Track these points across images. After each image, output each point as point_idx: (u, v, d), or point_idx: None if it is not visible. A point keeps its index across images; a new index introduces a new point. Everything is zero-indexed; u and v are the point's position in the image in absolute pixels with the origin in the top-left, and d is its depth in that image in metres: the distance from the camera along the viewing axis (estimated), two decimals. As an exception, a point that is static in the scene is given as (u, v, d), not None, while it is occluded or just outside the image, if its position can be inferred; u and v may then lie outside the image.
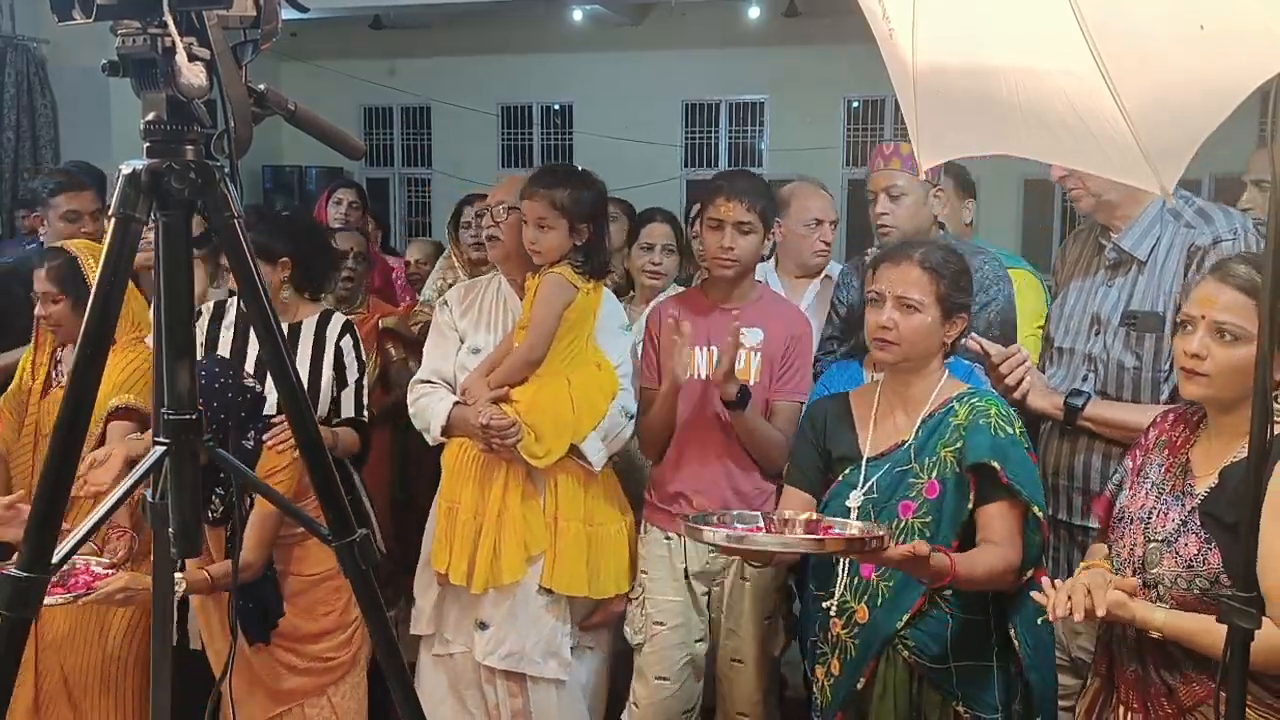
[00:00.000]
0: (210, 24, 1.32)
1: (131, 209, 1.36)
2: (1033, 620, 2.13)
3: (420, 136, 11.35)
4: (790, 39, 9.47)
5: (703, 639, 2.82)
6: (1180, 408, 2.03)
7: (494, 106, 10.84)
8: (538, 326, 2.71)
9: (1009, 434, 2.12)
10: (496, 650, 2.78)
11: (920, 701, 2.16)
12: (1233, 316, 1.81)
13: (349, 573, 1.53)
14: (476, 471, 2.78)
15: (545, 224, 2.68)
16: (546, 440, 2.70)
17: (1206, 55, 1.40)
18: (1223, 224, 2.32)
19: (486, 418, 2.65)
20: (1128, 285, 2.39)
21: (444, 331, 2.95)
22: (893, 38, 1.69)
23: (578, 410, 2.74)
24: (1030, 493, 2.09)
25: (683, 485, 2.74)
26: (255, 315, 1.46)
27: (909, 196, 2.81)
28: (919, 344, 2.18)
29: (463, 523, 2.77)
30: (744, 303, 2.75)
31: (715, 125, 10.40)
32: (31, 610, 1.35)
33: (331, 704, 2.88)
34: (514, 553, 2.74)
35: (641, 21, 10.14)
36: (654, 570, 2.79)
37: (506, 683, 2.82)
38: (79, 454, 1.41)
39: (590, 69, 10.29)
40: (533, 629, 2.78)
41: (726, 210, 2.67)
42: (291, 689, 2.84)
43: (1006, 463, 2.08)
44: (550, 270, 2.72)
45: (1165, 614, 1.81)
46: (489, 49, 10.37)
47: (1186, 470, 1.91)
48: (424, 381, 2.91)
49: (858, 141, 10.04)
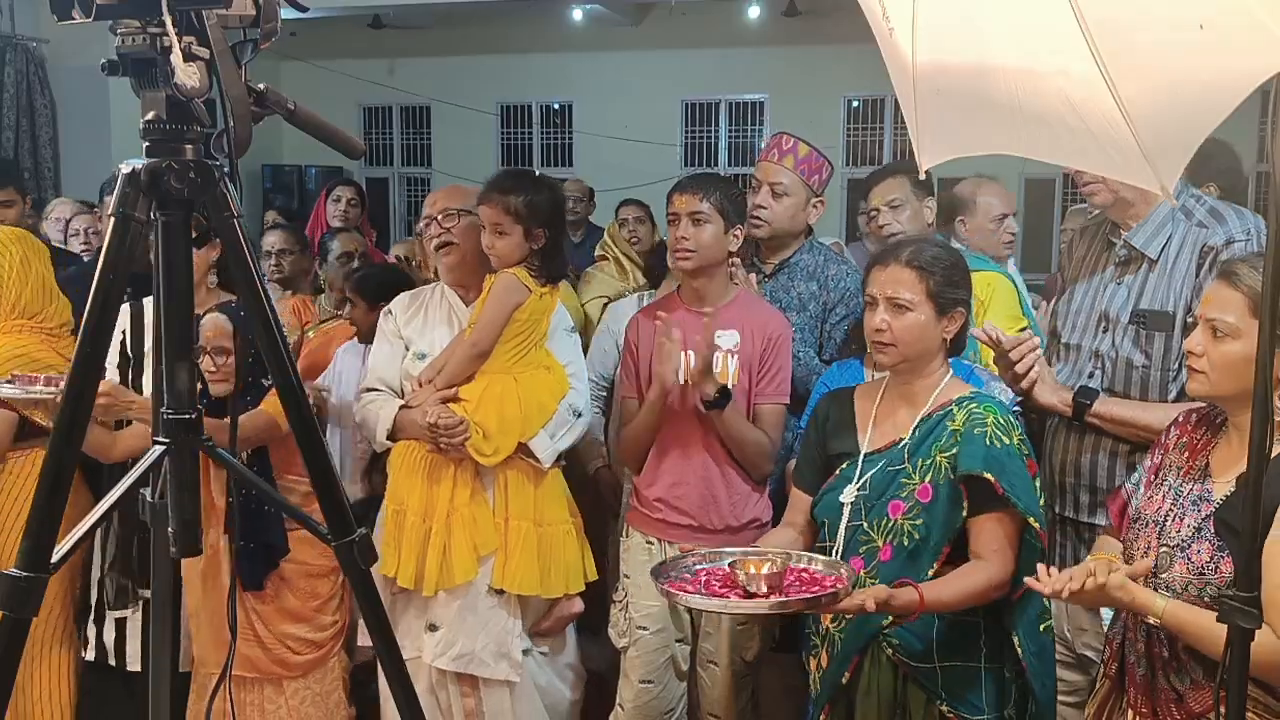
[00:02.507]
0: (210, 23, 1.32)
1: (131, 208, 1.37)
2: (1034, 626, 2.13)
3: (420, 136, 11.34)
4: (790, 39, 9.47)
5: (683, 639, 2.82)
6: (1204, 408, 2.01)
7: (494, 106, 10.83)
8: (484, 321, 2.71)
9: (1005, 444, 2.08)
10: (447, 652, 2.76)
11: (905, 700, 2.15)
12: (1222, 313, 1.84)
13: (348, 572, 1.53)
14: (424, 472, 2.76)
15: (500, 229, 2.70)
16: (494, 438, 2.70)
17: (1206, 55, 1.40)
18: (1235, 224, 2.31)
19: (434, 416, 2.65)
20: (1137, 283, 2.38)
21: (389, 339, 2.94)
22: (893, 37, 1.68)
23: (525, 409, 2.74)
24: (1026, 505, 2.06)
25: (663, 490, 2.74)
26: (255, 315, 1.46)
27: (790, 198, 2.94)
28: (914, 343, 2.17)
29: (411, 525, 2.75)
30: (719, 304, 2.74)
31: (715, 125, 10.39)
32: (31, 610, 1.35)
33: (313, 692, 2.89)
34: (464, 553, 2.72)
35: (641, 21, 10.14)
36: (636, 575, 2.79)
37: (459, 684, 2.81)
38: (78, 453, 1.41)
39: (590, 69, 10.29)
40: (482, 630, 2.77)
41: (680, 202, 2.70)
42: (248, 656, 2.83)
43: (1002, 474, 2.05)
44: (505, 271, 2.73)
45: (1166, 602, 1.79)
46: (489, 49, 10.37)
47: (1205, 474, 1.90)
48: (370, 389, 2.90)
49: (858, 141, 10.04)
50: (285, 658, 2.87)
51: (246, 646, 2.81)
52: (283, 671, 2.88)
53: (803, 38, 9.34)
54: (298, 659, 2.88)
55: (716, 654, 2.77)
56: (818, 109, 9.79)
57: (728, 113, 10.40)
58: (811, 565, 2.08)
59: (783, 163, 2.95)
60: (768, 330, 2.74)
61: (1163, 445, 2.03)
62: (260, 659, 2.85)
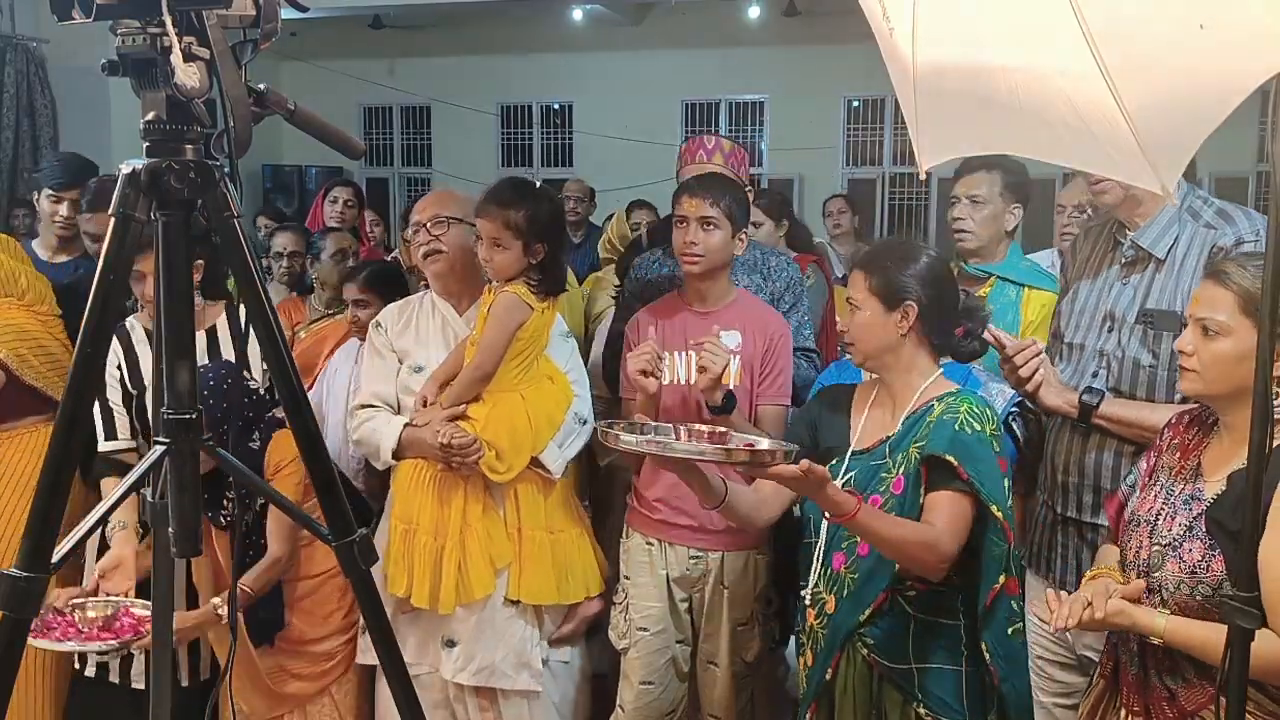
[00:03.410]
0: (210, 23, 1.32)
1: (131, 208, 1.36)
2: (1004, 632, 2.11)
3: (420, 136, 11.35)
4: (790, 39, 9.47)
5: (684, 640, 2.81)
6: (1196, 409, 2.02)
7: (494, 106, 10.83)
8: (487, 345, 2.66)
9: (975, 431, 2.08)
10: (467, 667, 2.73)
11: (881, 700, 2.15)
12: (1213, 312, 1.86)
13: (349, 573, 1.53)
14: (433, 490, 2.71)
15: (499, 243, 2.63)
16: (507, 457, 2.67)
17: (1206, 55, 1.40)
18: (1244, 225, 2.30)
19: (447, 436, 2.60)
20: (1144, 283, 2.38)
21: (382, 353, 2.87)
22: (893, 37, 1.69)
23: (534, 424, 2.71)
24: (990, 492, 2.04)
25: (664, 491, 2.73)
26: (255, 316, 1.46)
27: None
28: (867, 340, 2.21)
29: (422, 544, 2.70)
30: (720, 305, 2.74)
31: (715, 125, 10.38)
32: (31, 610, 1.35)
33: (334, 700, 2.89)
34: (481, 567, 2.69)
35: (641, 21, 10.14)
36: (636, 575, 2.79)
37: (477, 699, 2.78)
38: (78, 452, 1.41)
39: (590, 69, 10.29)
40: (501, 642, 2.74)
41: (690, 206, 2.67)
42: (293, 693, 2.86)
43: (967, 460, 2.04)
44: (505, 289, 2.67)
45: (1167, 621, 1.80)
46: (489, 49, 10.37)
47: (1197, 474, 1.91)
48: (366, 406, 2.82)
49: (858, 141, 10.05)
50: (333, 666, 2.89)
51: (296, 685, 2.86)
52: (330, 680, 2.90)
53: (803, 38, 9.34)
54: (342, 657, 2.90)
55: (717, 655, 2.77)
56: (818, 109, 9.81)
57: (728, 113, 10.40)
58: (757, 443, 2.16)
59: (712, 160, 2.97)
60: (769, 331, 2.74)
61: (1157, 447, 2.04)
62: (309, 689, 2.88)
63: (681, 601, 2.78)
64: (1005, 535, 2.06)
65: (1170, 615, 1.82)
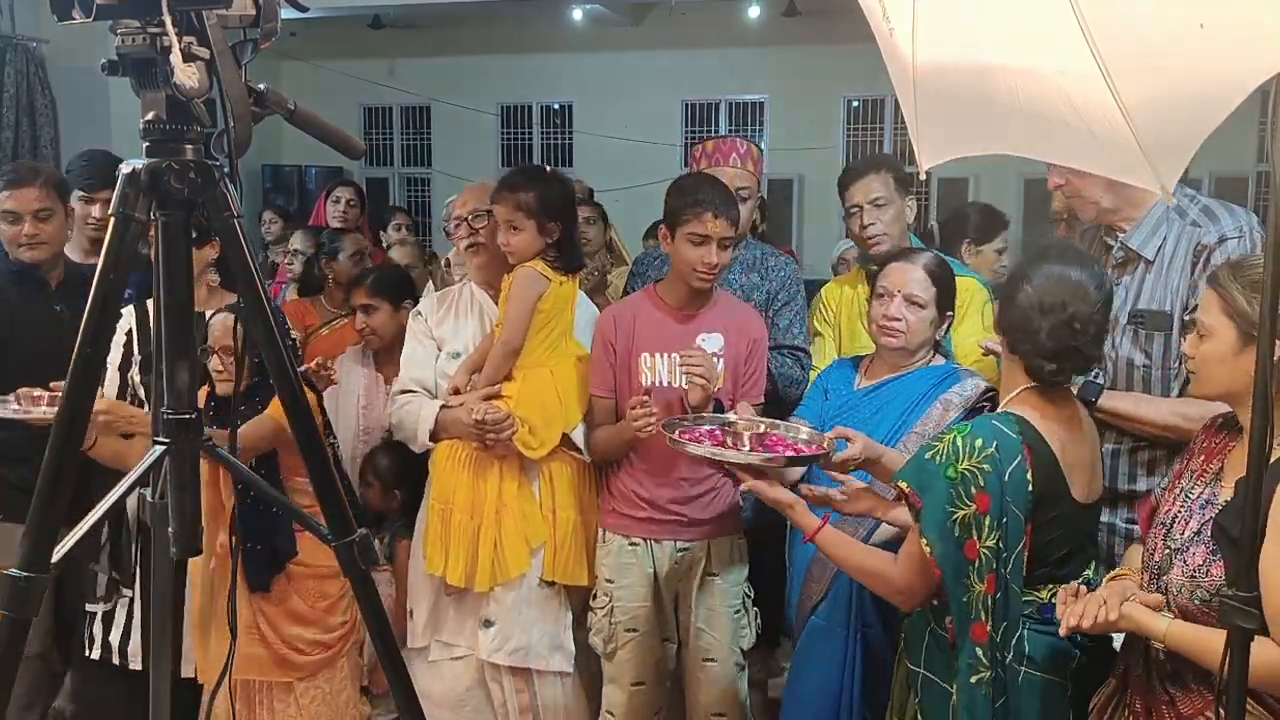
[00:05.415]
0: (210, 23, 1.32)
1: (131, 208, 1.36)
2: (966, 678, 1.99)
3: (420, 136, 11.35)
4: (790, 39, 9.47)
5: (670, 639, 2.82)
6: (1230, 412, 1.99)
7: (494, 106, 10.83)
8: (511, 319, 2.74)
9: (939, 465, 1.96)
10: (503, 647, 2.78)
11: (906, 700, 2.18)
12: (1203, 314, 1.88)
13: (349, 572, 1.53)
14: (470, 469, 2.78)
15: (514, 225, 2.73)
16: (539, 431, 2.73)
17: (1206, 55, 1.40)
18: (1228, 222, 2.32)
19: (481, 413, 2.67)
20: (1135, 284, 2.40)
21: (421, 340, 2.96)
22: (892, 37, 1.69)
23: (564, 400, 2.77)
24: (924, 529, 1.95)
25: (642, 490, 2.74)
26: (256, 315, 1.46)
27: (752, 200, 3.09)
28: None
29: (458, 523, 2.76)
30: (701, 308, 2.76)
31: (715, 125, 10.39)
32: (31, 610, 1.35)
33: (296, 700, 2.88)
34: (517, 546, 2.74)
35: (641, 21, 10.14)
36: (621, 578, 2.77)
37: (513, 679, 2.82)
38: (78, 452, 1.41)
39: (590, 69, 10.29)
40: (537, 623, 2.79)
41: (715, 227, 2.65)
42: (256, 658, 2.82)
43: (923, 492, 1.97)
44: (523, 266, 2.75)
45: (1169, 625, 1.80)
46: (489, 49, 10.37)
47: (1217, 478, 1.91)
48: (405, 391, 2.91)
49: (858, 141, 10.05)
50: (293, 659, 2.86)
51: (254, 649, 2.80)
52: (291, 674, 2.87)
53: (803, 38, 9.35)
54: (306, 659, 2.87)
55: (715, 650, 2.76)
56: (818, 109, 9.81)
57: (728, 113, 10.41)
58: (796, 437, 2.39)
59: (745, 167, 3.04)
60: (750, 333, 2.77)
61: (1190, 450, 2.03)
62: (268, 661, 2.84)
63: (669, 601, 2.79)
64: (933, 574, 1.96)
65: (1173, 619, 1.82)
